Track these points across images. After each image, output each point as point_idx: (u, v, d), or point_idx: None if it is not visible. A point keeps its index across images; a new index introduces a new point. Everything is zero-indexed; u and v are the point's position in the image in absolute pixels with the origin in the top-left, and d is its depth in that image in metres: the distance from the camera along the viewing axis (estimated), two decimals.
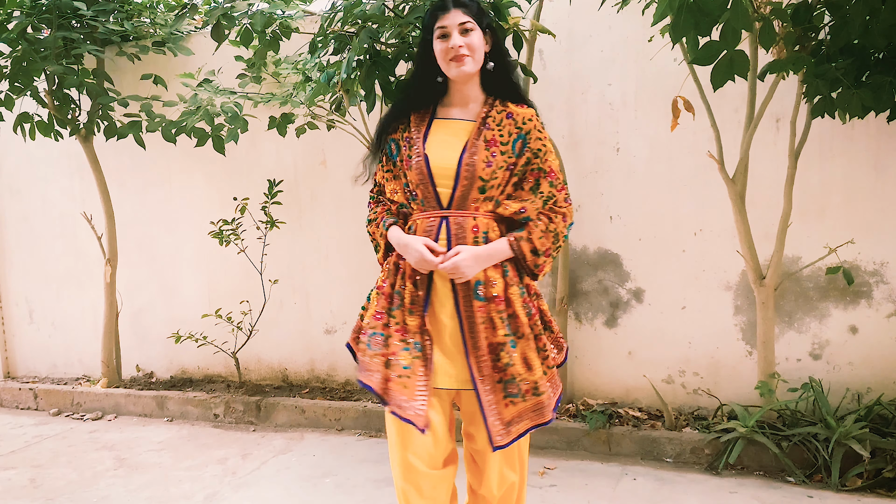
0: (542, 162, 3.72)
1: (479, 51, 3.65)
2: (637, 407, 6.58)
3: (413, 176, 3.69)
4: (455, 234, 3.60)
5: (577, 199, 6.59)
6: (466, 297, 3.57)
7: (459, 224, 3.61)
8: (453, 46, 3.60)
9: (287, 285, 7.88)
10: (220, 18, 6.05)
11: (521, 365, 3.55)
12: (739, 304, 6.27)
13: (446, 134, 3.71)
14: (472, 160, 3.57)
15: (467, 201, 3.62)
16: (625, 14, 6.10)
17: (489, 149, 3.59)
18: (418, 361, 3.58)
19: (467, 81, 3.74)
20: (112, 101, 7.43)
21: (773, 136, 6.00)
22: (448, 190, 3.63)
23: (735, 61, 4.18)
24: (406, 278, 3.68)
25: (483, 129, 3.64)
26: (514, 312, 3.59)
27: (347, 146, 7.16)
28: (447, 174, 3.62)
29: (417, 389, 3.58)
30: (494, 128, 3.64)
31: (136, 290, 8.63)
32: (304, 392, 7.66)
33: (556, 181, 3.75)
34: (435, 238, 3.62)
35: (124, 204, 8.43)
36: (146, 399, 7.82)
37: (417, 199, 3.72)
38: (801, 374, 6.08)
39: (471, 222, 3.61)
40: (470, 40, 3.61)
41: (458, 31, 3.61)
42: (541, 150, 3.72)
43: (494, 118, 3.66)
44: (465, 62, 3.62)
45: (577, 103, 6.58)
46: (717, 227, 6.24)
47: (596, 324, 6.73)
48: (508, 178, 3.68)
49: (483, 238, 3.61)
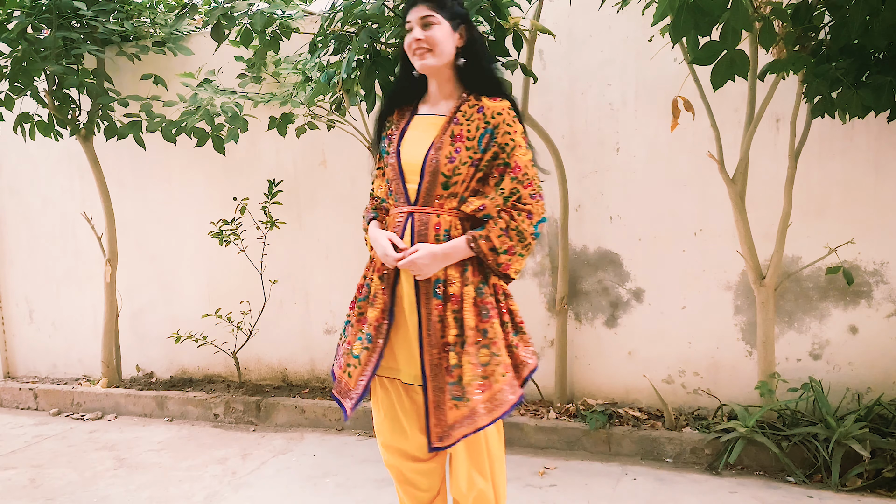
0: (508, 157, 3.65)
1: (441, 44, 3.64)
2: (637, 407, 6.58)
3: (388, 172, 3.79)
4: (418, 231, 3.64)
5: (577, 199, 6.60)
6: (427, 295, 3.60)
7: (423, 221, 3.64)
8: (411, 40, 3.66)
9: (287, 285, 7.88)
10: (220, 18, 6.05)
11: (470, 367, 3.50)
12: (739, 304, 6.27)
13: (419, 130, 3.75)
14: (436, 155, 3.60)
15: (431, 198, 3.63)
16: (625, 14, 6.10)
17: (454, 144, 3.59)
18: (366, 353, 3.69)
19: (439, 76, 3.76)
20: (112, 101, 7.44)
21: (773, 136, 6.00)
22: (415, 186, 3.67)
23: (735, 61, 4.19)
24: (374, 271, 3.76)
25: (451, 125, 3.64)
26: (463, 311, 3.58)
27: (347, 146, 7.17)
28: (414, 170, 3.66)
29: (359, 379, 3.75)
30: (463, 122, 3.63)
31: (136, 290, 8.63)
32: (304, 392, 7.66)
33: (523, 177, 3.66)
34: (401, 234, 3.67)
35: (124, 204, 8.44)
36: (146, 399, 7.82)
37: (392, 195, 3.80)
38: (801, 374, 6.08)
39: (434, 219, 3.63)
40: (431, 34, 3.63)
41: (420, 25, 3.64)
42: (507, 144, 3.65)
43: (465, 113, 3.65)
44: (424, 57, 3.66)
45: (577, 103, 6.58)
46: (718, 227, 6.24)
47: (596, 324, 6.73)
48: (473, 173, 3.65)
49: (445, 236, 3.62)
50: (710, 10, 3.92)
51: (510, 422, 6.33)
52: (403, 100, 3.91)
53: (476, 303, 3.59)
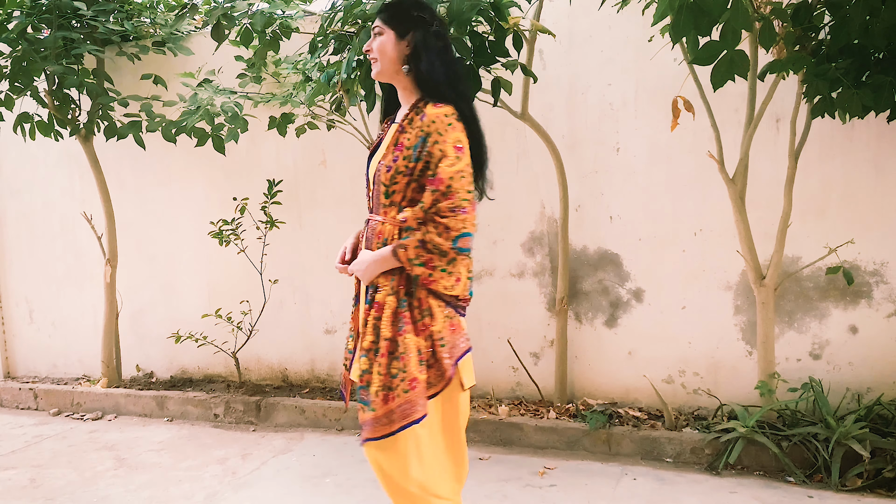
0: (434, 167, 3.52)
1: (385, 54, 3.68)
2: (637, 407, 6.58)
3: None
4: (367, 238, 3.77)
5: (578, 199, 6.60)
6: (364, 299, 3.72)
7: (373, 228, 3.73)
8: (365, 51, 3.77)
9: (287, 285, 7.89)
10: (220, 18, 6.06)
11: (377, 375, 3.54)
12: (739, 303, 6.28)
13: (386, 138, 3.79)
14: (378, 165, 3.66)
15: (379, 206, 3.70)
16: (625, 14, 6.10)
17: (394, 152, 3.60)
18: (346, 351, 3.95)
19: (398, 84, 3.79)
20: (112, 101, 7.45)
21: (773, 136, 6.00)
22: (369, 194, 3.80)
23: (735, 61, 4.20)
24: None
25: (399, 134, 3.65)
26: (380, 319, 3.58)
27: (347, 146, 7.17)
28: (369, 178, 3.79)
29: (344, 373, 3.98)
30: (408, 130, 3.61)
31: (136, 290, 8.64)
32: (304, 392, 7.66)
33: (446, 189, 3.47)
34: (363, 238, 3.83)
35: (124, 204, 8.44)
36: (146, 399, 7.82)
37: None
38: (801, 374, 6.08)
39: (379, 227, 3.68)
40: (375, 44, 3.70)
41: (372, 37, 3.73)
42: (434, 154, 3.53)
43: (411, 120, 3.64)
44: (374, 66, 3.73)
45: (577, 103, 6.59)
46: (718, 227, 6.25)
47: (596, 324, 6.73)
48: (408, 182, 3.61)
49: (383, 244, 3.65)
50: (710, 9, 3.93)
51: (510, 422, 6.34)
52: (393, 108, 3.95)
53: (395, 313, 3.57)
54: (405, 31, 3.68)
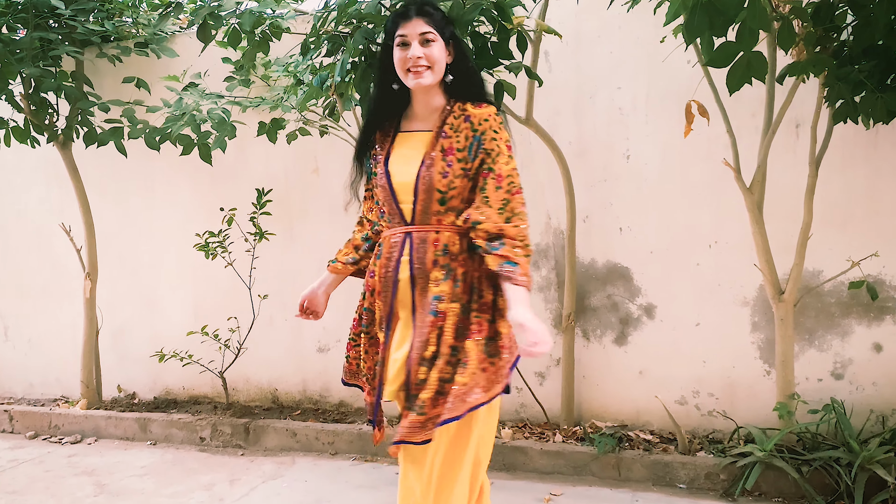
0: (493, 162, 3.70)
1: (439, 63, 3.73)
2: (648, 429, 6.57)
3: (378, 193, 3.89)
4: (416, 249, 3.74)
5: (585, 210, 6.59)
6: (424, 312, 3.70)
7: (421, 238, 3.73)
8: (412, 57, 3.69)
9: (277, 300, 7.86)
10: (206, 18, 6.06)
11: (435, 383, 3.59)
12: (757, 320, 6.27)
13: (407, 147, 3.81)
14: (428, 173, 3.67)
15: (429, 215, 3.73)
16: (635, 13, 6.06)
17: (445, 158, 3.67)
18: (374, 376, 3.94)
19: (428, 91, 3.81)
20: (92, 105, 7.44)
21: (792, 142, 6.00)
22: (409, 205, 3.75)
23: (752, 63, 4.19)
24: (377, 295, 3.89)
25: (440, 139, 3.71)
26: (442, 328, 3.65)
27: (341, 153, 7.14)
28: (407, 189, 3.74)
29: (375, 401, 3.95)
30: (452, 135, 3.71)
31: (117, 306, 8.62)
32: (295, 414, 7.64)
33: (510, 185, 3.70)
34: (398, 255, 3.78)
35: (105, 215, 8.42)
36: (128, 421, 7.79)
37: (385, 216, 3.89)
38: (823, 394, 6.06)
39: (433, 236, 3.72)
40: (430, 52, 3.70)
41: (419, 42, 3.69)
42: (493, 150, 3.71)
43: (452, 125, 3.73)
44: (423, 75, 3.71)
45: (585, 108, 6.59)
46: (734, 240, 6.24)
47: (605, 341, 6.72)
48: (467, 184, 3.74)
49: (443, 251, 3.70)
50: (725, 9, 3.92)
51: (514, 445, 6.32)
52: (385, 118, 3.96)
53: (459, 320, 3.66)
54: (448, 37, 3.77)
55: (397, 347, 3.78)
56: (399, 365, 3.71)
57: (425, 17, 3.70)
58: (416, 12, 3.72)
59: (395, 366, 3.74)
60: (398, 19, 3.75)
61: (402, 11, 3.77)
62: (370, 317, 3.94)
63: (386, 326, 3.82)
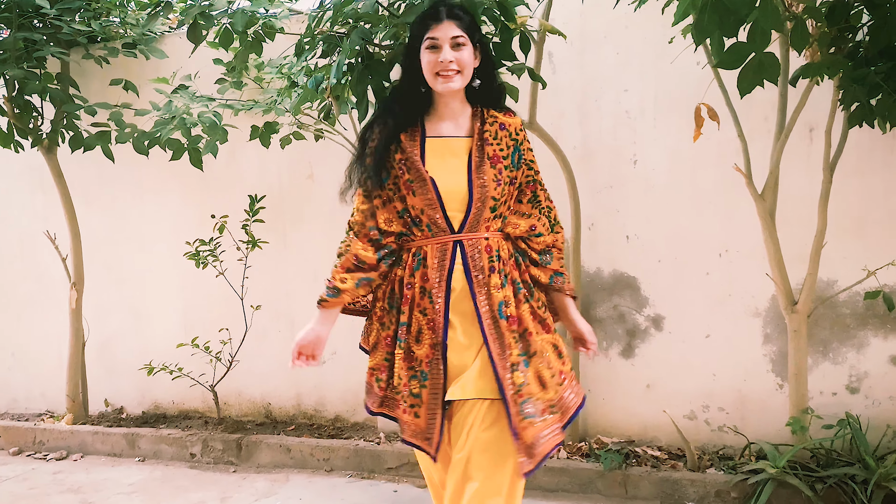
0: (535, 173, 4.01)
1: (469, 67, 3.79)
2: (656, 445, 6.56)
3: (418, 202, 3.81)
4: (470, 257, 3.79)
5: (591, 217, 6.58)
6: (492, 317, 3.75)
7: (474, 246, 3.80)
8: (443, 61, 3.71)
9: (271, 311, 7.86)
10: (196, 18, 6.05)
11: (536, 384, 3.72)
12: (769, 332, 6.25)
13: (446, 154, 3.84)
14: (483, 181, 3.74)
15: (479, 223, 3.79)
16: (643, 13, 6.03)
17: (495, 166, 3.77)
18: (426, 391, 3.78)
19: (455, 95, 3.85)
20: (78, 108, 7.42)
21: (806, 147, 5.99)
22: (460, 214, 3.79)
23: (764, 65, 4.17)
24: (414, 307, 3.84)
25: (484, 146, 3.79)
26: (525, 330, 3.79)
27: (337, 158, 7.11)
28: (458, 197, 3.77)
29: (429, 419, 3.80)
30: (493, 142, 3.81)
31: (104, 317, 8.61)
32: (289, 429, 7.64)
33: (548, 195, 4.09)
34: (449, 265, 3.79)
35: (91, 222, 8.41)
36: (115, 437, 7.78)
37: (422, 225, 3.84)
38: (837, 409, 6.04)
39: (483, 243, 3.81)
40: (461, 56, 3.74)
41: (450, 45, 3.72)
42: (532, 160, 4.01)
43: (490, 132, 3.83)
44: (453, 79, 3.75)
45: (590, 111, 6.58)
46: (745, 248, 6.23)
47: (611, 354, 6.71)
48: (513, 192, 3.93)
49: (496, 257, 3.81)
50: (736, 8, 3.91)
51: None
52: (408, 119, 3.93)
53: (528, 321, 3.84)
54: (476, 41, 3.82)
55: (459, 355, 3.79)
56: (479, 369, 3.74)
57: (456, 21, 3.75)
58: (447, 15, 3.76)
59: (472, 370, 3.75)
60: (428, 21, 3.77)
61: (433, 13, 3.79)
62: (406, 331, 3.87)
63: (443, 336, 3.79)
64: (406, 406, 3.84)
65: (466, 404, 3.75)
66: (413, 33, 3.85)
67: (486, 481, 3.66)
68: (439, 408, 3.77)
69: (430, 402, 3.78)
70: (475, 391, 3.71)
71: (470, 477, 3.67)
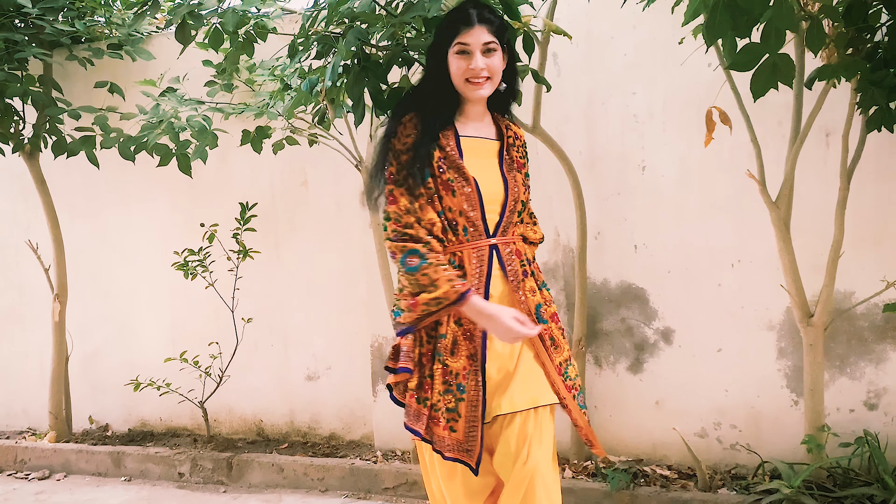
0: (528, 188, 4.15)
1: (499, 73, 3.86)
2: (666, 464, 6.55)
3: (458, 203, 3.80)
4: (506, 263, 3.86)
5: (597, 225, 6.58)
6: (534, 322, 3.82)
7: (508, 250, 3.88)
8: (475, 68, 3.73)
9: (262, 324, 7.85)
10: (185, 17, 6.03)
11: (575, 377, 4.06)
12: (783, 346, 6.24)
13: (480, 155, 3.89)
14: (515, 182, 3.87)
15: (510, 226, 3.90)
16: (651, 12, 6.03)
17: (520, 171, 3.91)
18: (463, 404, 3.77)
19: (484, 99, 3.91)
20: (61, 112, 7.42)
21: (822, 152, 5.99)
22: (496, 216, 3.86)
23: (778, 67, 4.17)
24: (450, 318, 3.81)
25: (510, 149, 3.92)
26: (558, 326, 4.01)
27: (332, 164, 7.15)
28: (496, 199, 3.85)
29: (468, 432, 3.78)
30: (514, 147, 3.95)
31: (88, 331, 8.60)
32: (282, 447, 7.62)
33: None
34: (487, 269, 3.82)
35: (75, 231, 8.40)
36: (100, 455, 7.76)
37: (458, 229, 3.82)
38: (855, 426, 6.04)
39: (514, 247, 3.91)
40: (491, 62, 3.78)
41: (481, 51, 3.73)
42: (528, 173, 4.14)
43: (510, 136, 3.96)
44: (483, 86, 3.79)
45: (597, 115, 6.58)
46: (758, 258, 6.22)
47: (618, 369, 6.70)
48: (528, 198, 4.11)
49: (526, 261, 3.94)
50: (749, 7, 3.91)
51: None
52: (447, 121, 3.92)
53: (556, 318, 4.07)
54: (504, 43, 3.85)
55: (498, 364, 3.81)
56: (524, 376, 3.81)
57: (488, 25, 3.75)
58: (479, 19, 3.74)
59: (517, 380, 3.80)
60: (459, 25, 3.76)
61: (464, 17, 3.77)
62: (443, 344, 3.82)
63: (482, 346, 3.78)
64: (444, 422, 3.80)
65: (517, 416, 3.76)
66: (441, 35, 3.85)
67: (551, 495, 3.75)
68: (479, 420, 3.75)
69: (468, 415, 3.76)
70: (527, 402, 3.74)
71: (535, 492, 3.70)
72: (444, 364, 3.80)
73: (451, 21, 3.81)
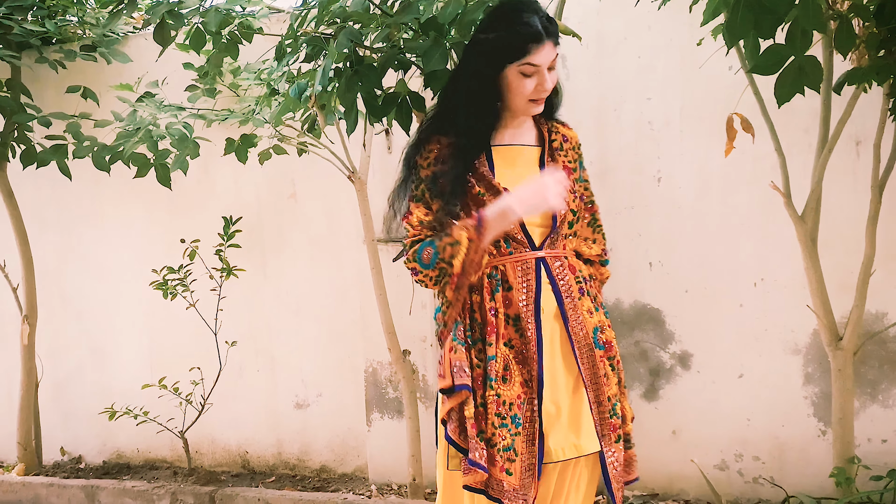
0: (592, 194, 4.13)
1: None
2: (683, 499, 6.54)
3: None
4: (557, 276, 3.81)
5: (610, 241, 6.48)
6: (587, 346, 3.80)
7: (559, 265, 3.84)
8: (546, 89, 3.73)
9: (248, 348, 7.83)
10: (165, 16, 6.01)
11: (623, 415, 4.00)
12: (810, 371, 6.23)
13: (517, 162, 3.86)
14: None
15: (559, 238, 3.85)
16: (668, 11, 6.01)
17: (569, 177, 3.79)
18: (519, 439, 3.68)
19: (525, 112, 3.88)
20: (31, 119, 7.39)
21: (851, 162, 5.98)
22: (543, 228, 3.81)
23: (805, 70, 4.16)
24: (499, 339, 3.73)
25: (557, 155, 3.86)
26: (615, 357, 3.94)
27: (323, 175, 7.12)
28: None
29: (523, 475, 3.67)
30: (561, 153, 3.89)
31: (60, 354, 8.58)
32: (269, 481, 7.61)
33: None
34: (535, 283, 3.77)
35: (45, 247, 8.40)
36: (73, 489, 7.72)
37: (498, 242, 3.77)
38: (888, 458, 6.02)
39: (566, 262, 3.87)
40: (553, 77, 3.76)
41: (547, 69, 3.69)
42: (588, 179, 4.11)
43: (557, 141, 3.90)
44: (543, 104, 3.79)
45: (609, 122, 6.57)
46: (783, 277, 6.21)
47: (632, 396, 6.67)
48: (582, 208, 4.05)
49: (582, 278, 3.91)
50: (773, 6, 3.90)
51: None
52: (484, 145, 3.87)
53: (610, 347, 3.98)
54: None
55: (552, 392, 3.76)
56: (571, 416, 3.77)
57: (554, 39, 3.69)
58: (547, 34, 3.66)
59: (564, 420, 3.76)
60: (529, 43, 3.62)
61: (534, 33, 3.63)
62: (493, 368, 3.71)
63: (539, 370, 3.71)
64: (501, 462, 3.62)
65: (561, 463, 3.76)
66: (502, 50, 3.68)
67: None
68: (536, 458, 3.67)
69: (525, 453, 3.67)
70: (574, 449, 3.71)
71: None
72: (497, 394, 3.68)
73: (517, 35, 3.64)
